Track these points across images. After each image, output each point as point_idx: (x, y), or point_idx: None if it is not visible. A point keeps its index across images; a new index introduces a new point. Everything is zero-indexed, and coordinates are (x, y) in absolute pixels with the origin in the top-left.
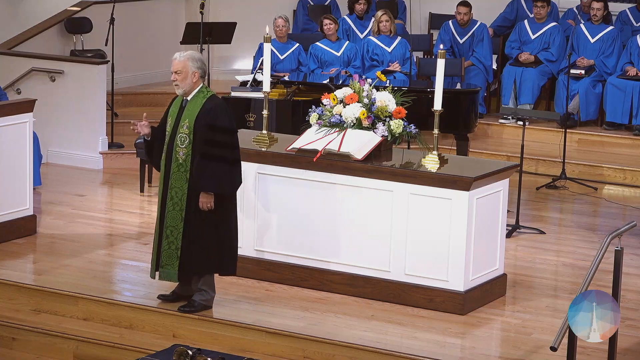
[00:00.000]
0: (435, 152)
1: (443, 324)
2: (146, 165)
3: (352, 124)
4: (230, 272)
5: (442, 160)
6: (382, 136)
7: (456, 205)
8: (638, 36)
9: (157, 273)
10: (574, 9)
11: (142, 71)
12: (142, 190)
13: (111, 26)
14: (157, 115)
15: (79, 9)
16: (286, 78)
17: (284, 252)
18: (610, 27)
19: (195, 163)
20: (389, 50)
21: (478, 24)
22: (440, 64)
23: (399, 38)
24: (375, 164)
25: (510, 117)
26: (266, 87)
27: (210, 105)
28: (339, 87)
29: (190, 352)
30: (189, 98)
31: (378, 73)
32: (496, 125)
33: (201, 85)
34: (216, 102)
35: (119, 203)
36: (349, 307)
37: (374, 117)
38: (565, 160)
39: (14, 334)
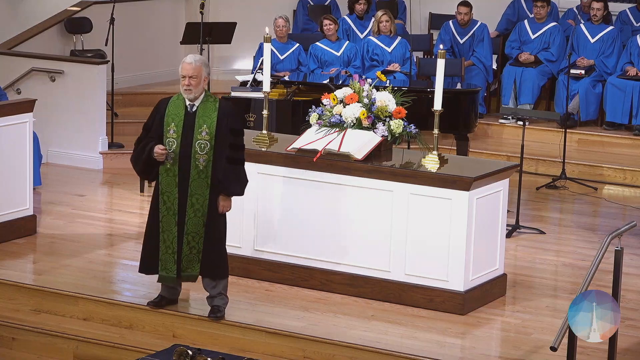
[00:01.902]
0: (435, 152)
1: (443, 324)
2: None
3: (352, 124)
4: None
5: (442, 160)
6: (382, 136)
7: (456, 205)
8: (638, 36)
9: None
10: (574, 9)
11: (142, 71)
12: (142, 190)
13: (111, 26)
14: None
15: (79, 9)
16: (286, 78)
17: (284, 252)
18: (610, 27)
19: (224, 168)
20: (389, 50)
21: (478, 24)
22: (440, 64)
23: (399, 38)
24: (375, 164)
25: (510, 117)
26: (266, 87)
27: (227, 109)
28: (339, 87)
29: (190, 352)
30: (196, 103)
31: (378, 73)
32: (496, 125)
33: (205, 90)
34: (228, 105)
35: (119, 203)
36: (349, 307)
37: (374, 117)
38: (565, 160)
39: (14, 334)
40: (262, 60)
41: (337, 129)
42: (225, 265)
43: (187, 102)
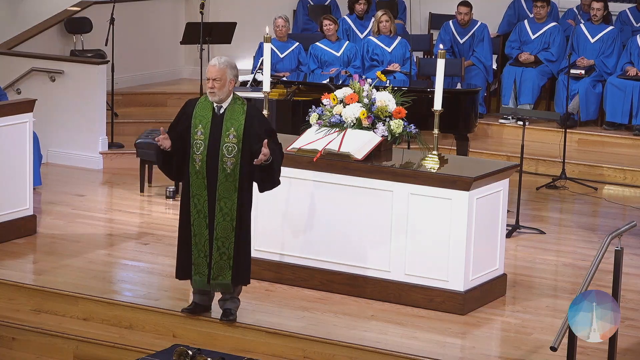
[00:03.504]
0: (435, 152)
1: (443, 324)
2: (146, 165)
3: (352, 124)
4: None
5: (442, 160)
6: (382, 136)
7: (456, 205)
8: (638, 36)
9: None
10: (574, 9)
11: (142, 71)
12: (142, 190)
13: (111, 26)
14: (157, 115)
15: (79, 9)
16: (285, 78)
17: (283, 252)
18: (610, 27)
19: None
20: (389, 50)
21: (478, 24)
22: (440, 64)
23: (399, 38)
24: (375, 164)
25: (510, 117)
26: (266, 87)
27: (255, 112)
28: (339, 87)
29: (190, 352)
30: (224, 105)
31: (378, 73)
32: (496, 125)
33: (232, 93)
34: (256, 108)
35: (119, 203)
36: (349, 307)
37: (374, 117)
38: (565, 160)
39: (14, 334)
40: (262, 60)
41: (337, 129)
42: (249, 269)
43: (215, 104)
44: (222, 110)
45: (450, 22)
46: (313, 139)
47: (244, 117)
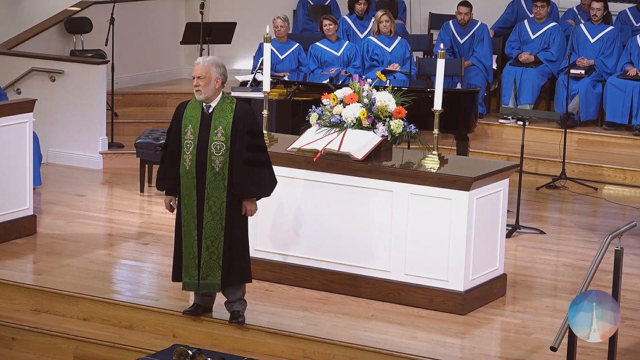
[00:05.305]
0: (435, 152)
1: (443, 324)
2: (146, 165)
3: (352, 124)
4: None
5: (442, 160)
6: (382, 136)
7: (456, 205)
8: (638, 36)
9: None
10: (574, 8)
11: (142, 71)
12: (142, 190)
13: (111, 26)
14: (157, 115)
15: (79, 9)
16: (286, 78)
17: (284, 252)
18: (610, 27)
19: (239, 170)
20: (389, 50)
21: (478, 24)
22: (440, 64)
23: (399, 38)
24: (375, 164)
25: (510, 117)
26: (266, 87)
27: (243, 111)
28: (339, 87)
29: (190, 352)
30: (212, 105)
31: (378, 73)
32: (496, 125)
33: (222, 91)
34: (245, 106)
35: (119, 203)
36: (349, 307)
37: (374, 117)
38: (565, 160)
39: (14, 334)
40: (262, 60)
41: (337, 129)
42: (248, 268)
43: (204, 104)
44: (210, 110)
45: (450, 22)
46: (313, 139)
47: (232, 115)
